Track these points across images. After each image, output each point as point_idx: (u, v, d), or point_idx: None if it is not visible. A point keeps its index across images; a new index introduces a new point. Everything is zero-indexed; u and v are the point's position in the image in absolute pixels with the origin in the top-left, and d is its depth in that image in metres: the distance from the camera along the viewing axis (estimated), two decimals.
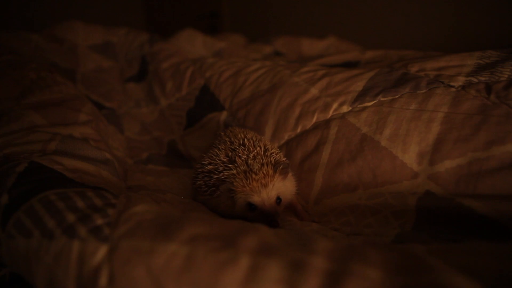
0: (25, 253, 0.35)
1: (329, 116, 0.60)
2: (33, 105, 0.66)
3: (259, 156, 0.50)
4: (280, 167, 0.50)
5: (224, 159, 0.51)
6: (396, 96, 0.55)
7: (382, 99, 0.56)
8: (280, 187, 0.50)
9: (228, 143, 0.54)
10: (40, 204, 0.38)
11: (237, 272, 0.28)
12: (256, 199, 0.48)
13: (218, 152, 0.53)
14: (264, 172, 0.48)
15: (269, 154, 0.52)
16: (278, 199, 0.50)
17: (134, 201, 0.40)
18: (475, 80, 0.52)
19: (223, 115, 0.75)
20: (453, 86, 0.53)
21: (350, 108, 0.58)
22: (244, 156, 0.50)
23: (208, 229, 0.33)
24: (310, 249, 0.29)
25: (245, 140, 0.53)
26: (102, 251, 0.32)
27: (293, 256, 0.28)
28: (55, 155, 0.53)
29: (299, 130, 0.62)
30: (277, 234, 0.33)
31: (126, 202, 0.39)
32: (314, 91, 0.64)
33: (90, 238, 0.33)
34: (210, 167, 0.52)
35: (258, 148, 0.52)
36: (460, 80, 0.53)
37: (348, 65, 0.81)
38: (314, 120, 0.61)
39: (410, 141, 0.50)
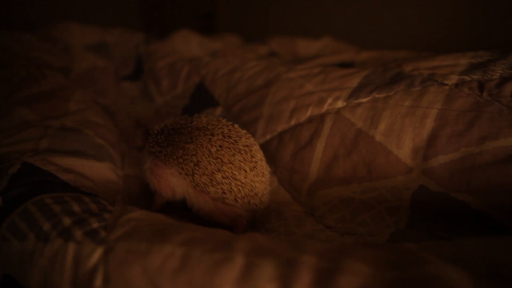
0: (19, 256, 0.35)
1: (324, 110, 0.60)
2: (21, 100, 0.65)
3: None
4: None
5: None
6: (391, 93, 0.56)
7: (376, 95, 0.57)
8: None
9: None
10: (35, 207, 0.38)
11: (232, 271, 0.28)
12: None
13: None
14: None
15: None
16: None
17: (130, 209, 0.41)
18: (468, 78, 0.53)
19: (218, 111, 0.75)
20: (446, 84, 0.53)
21: (345, 103, 0.59)
22: None
23: (203, 234, 0.34)
24: (303, 249, 0.30)
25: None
26: (97, 253, 0.32)
27: (286, 256, 0.29)
28: (47, 154, 0.52)
29: (292, 123, 0.63)
30: (270, 239, 0.34)
31: (122, 210, 0.40)
32: (309, 86, 0.65)
33: (86, 240, 0.34)
34: None
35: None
36: (454, 79, 0.54)
37: (343, 65, 0.81)
38: (308, 113, 0.61)
39: (404, 137, 0.51)
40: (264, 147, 0.65)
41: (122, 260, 0.31)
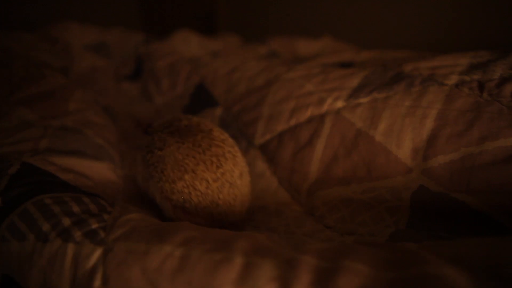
0: (18, 256, 0.35)
1: (324, 110, 0.60)
2: (20, 100, 0.65)
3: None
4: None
5: None
6: (391, 93, 0.56)
7: (376, 96, 0.57)
8: None
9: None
10: (35, 208, 0.38)
11: (231, 271, 0.29)
12: None
13: None
14: None
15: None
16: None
17: (130, 210, 0.41)
18: (468, 78, 0.53)
19: (218, 111, 0.75)
20: (446, 84, 0.53)
21: (345, 103, 0.59)
22: None
23: (202, 234, 0.34)
24: (302, 249, 0.30)
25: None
26: (97, 253, 0.33)
27: (286, 255, 0.29)
28: (47, 154, 0.52)
29: (292, 123, 0.63)
30: (270, 237, 0.34)
31: (121, 210, 0.40)
32: (309, 86, 0.65)
33: (85, 241, 0.34)
34: None
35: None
36: (453, 79, 0.54)
37: (343, 65, 0.81)
38: (308, 114, 0.61)
39: (404, 137, 0.51)
40: (264, 147, 0.65)
41: (121, 261, 0.31)
